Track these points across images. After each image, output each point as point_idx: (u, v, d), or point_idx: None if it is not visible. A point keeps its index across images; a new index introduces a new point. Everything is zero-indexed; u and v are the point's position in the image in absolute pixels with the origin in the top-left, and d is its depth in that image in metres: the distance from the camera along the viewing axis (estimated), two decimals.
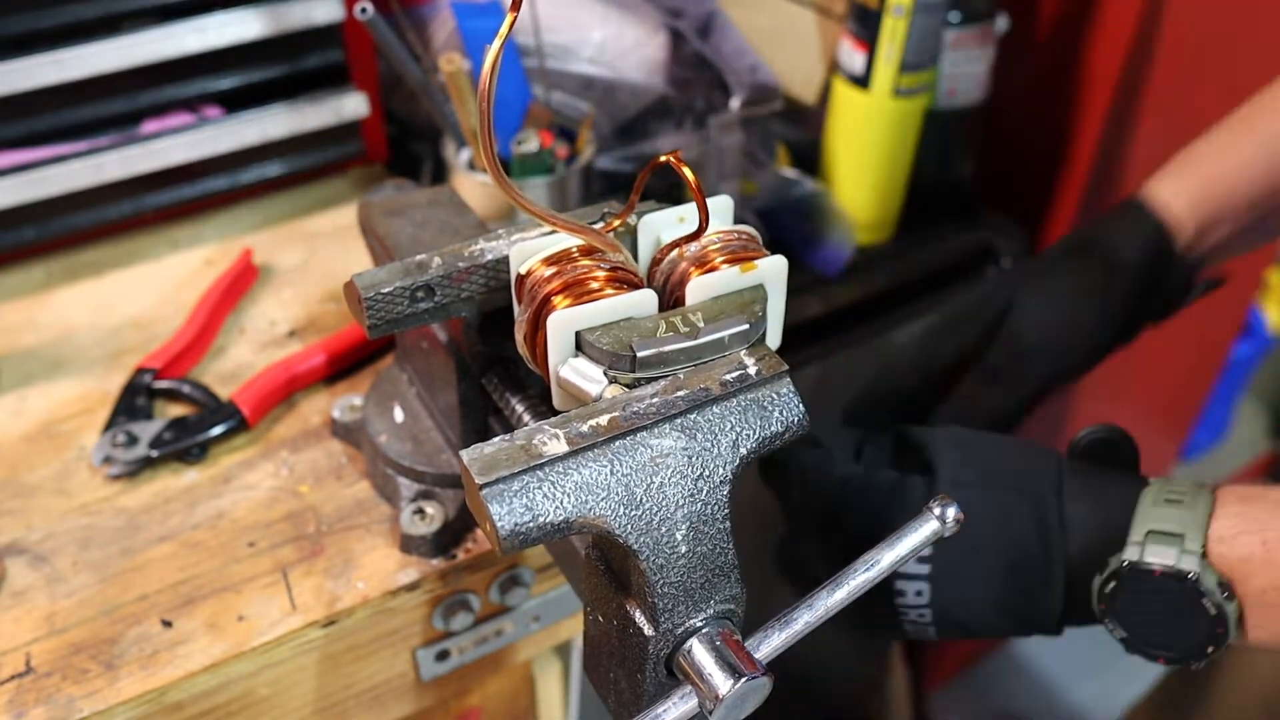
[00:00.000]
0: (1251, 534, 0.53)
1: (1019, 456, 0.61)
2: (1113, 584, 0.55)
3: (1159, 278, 0.72)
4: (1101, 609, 0.57)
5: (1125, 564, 0.55)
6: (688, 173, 0.46)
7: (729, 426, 0.47)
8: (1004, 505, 0.59)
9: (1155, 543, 0.54)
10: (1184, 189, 0.72)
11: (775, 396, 0.48)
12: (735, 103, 0.96)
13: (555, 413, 0.47)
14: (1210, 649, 0.55)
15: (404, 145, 0.98)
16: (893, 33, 0.88)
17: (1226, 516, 0.54)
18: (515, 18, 0.40)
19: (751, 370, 0.48)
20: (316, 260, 0.87)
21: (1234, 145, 0.73)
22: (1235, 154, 0.73)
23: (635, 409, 0.46)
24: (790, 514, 0.66)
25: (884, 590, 0.60)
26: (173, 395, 0.74)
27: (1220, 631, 0.54)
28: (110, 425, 0.70)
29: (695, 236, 0.50)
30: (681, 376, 0.48)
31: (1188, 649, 0.56)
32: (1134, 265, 0.71)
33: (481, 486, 0.43)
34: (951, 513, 0.50)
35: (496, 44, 0.40)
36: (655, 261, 0.52)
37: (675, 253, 0.51)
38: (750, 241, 0.52)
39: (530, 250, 0.51)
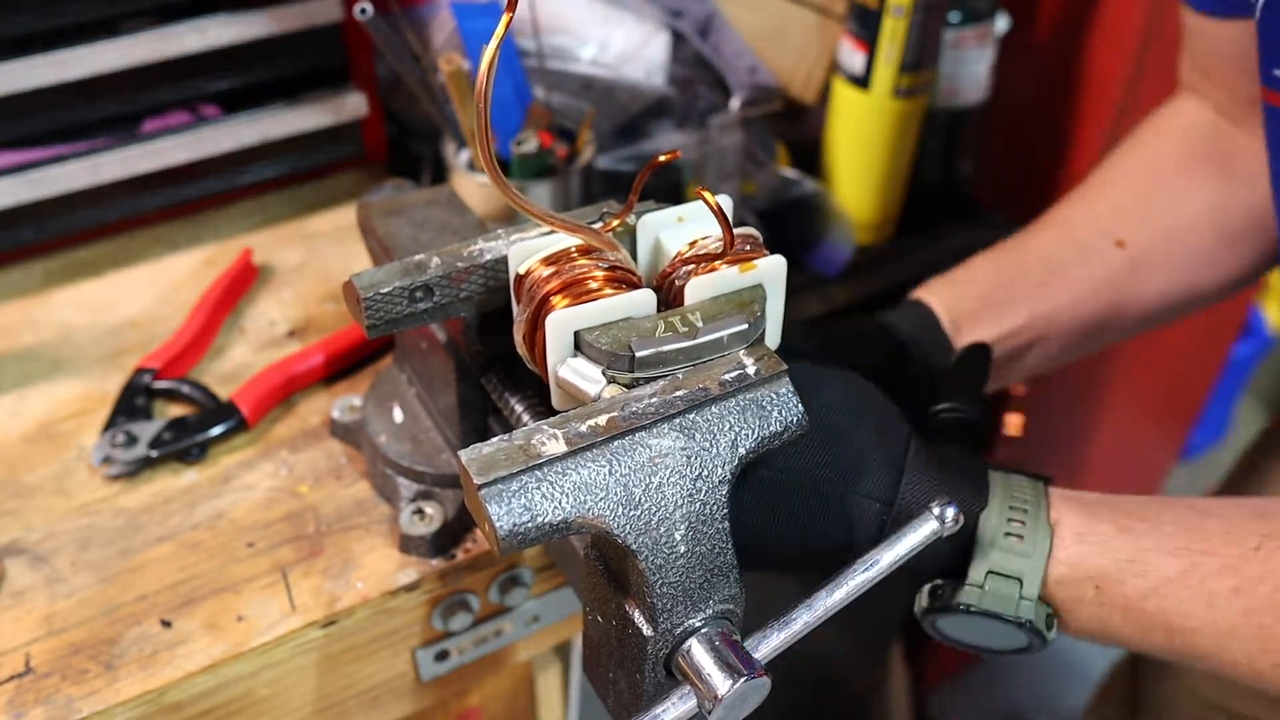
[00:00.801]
0: (1087, 580, 0.53)
1: (876, 415, 0.58)
2: (944, 614, 0.55)
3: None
4: (924, 609, 0.56)
5: (961, 606, 0.54)
6: (709, 196, 0.46)
7: (728, 426, 0.47)
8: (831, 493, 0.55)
9: (994, 584, 0.54)
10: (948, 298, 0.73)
11: (774, 396, 0.48)
12: (735, 103, 0.96)
13: (554, 413, 0.47)
14: (1016, 654, 0.57)
15: (404, 145, 0.98)
16: (893, 33, 0.88)
17: (1063, 560, 0.54)
18: (511, 18, 0.40)
19: (750, 370, 0.48)
20: (316, 260, 0.87)
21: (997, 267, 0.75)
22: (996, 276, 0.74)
23: (634, 409, 0.46)
24: None
25: None
26: (172, 395, 0.74)
27: (1036, 647, 0.55)
28: (110, 425, 0.70)
29: (720, 255, 0.50)
30: (680, 376, 0.48)
31: (996, 652, 0.57)
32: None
33: (480, 487, 0.43)
34: (950, 512, 0.50)
35: (493, 44, 0.40)
36: (664, 274, 0.52)
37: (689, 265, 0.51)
38: (750, 241, 0.52)
39: (529, 250, 0.51)
